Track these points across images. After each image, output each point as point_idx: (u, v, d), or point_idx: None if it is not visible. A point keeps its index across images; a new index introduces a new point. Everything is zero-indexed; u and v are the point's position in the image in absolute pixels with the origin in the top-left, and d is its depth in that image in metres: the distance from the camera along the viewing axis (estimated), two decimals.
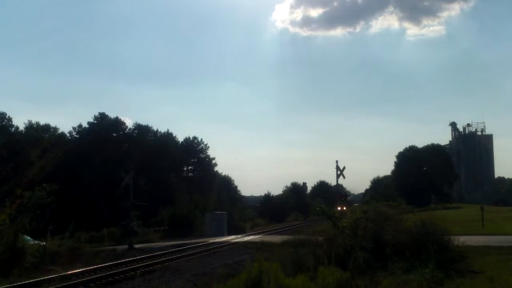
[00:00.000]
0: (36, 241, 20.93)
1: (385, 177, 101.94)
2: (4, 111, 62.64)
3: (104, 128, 66.63)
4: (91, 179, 54.18)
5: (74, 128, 68.43)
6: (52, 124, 69.29)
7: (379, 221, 17.88)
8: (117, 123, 69.77)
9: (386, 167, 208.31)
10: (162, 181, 65.27)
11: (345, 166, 35.27)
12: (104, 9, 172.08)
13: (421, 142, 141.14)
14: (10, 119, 63.10)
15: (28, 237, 20.41)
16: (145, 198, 39.47)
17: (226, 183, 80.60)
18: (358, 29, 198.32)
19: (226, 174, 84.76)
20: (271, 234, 35.21)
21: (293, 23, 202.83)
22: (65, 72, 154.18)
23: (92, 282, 14.83)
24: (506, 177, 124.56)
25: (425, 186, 75.53)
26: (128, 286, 14.58)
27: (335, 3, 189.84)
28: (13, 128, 62.79)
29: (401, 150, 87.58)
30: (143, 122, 74.20)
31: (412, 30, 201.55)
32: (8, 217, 18.67)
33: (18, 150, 53.98)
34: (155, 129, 74.32)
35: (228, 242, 27.70)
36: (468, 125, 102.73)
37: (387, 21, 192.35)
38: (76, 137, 67.50)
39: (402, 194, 63.89)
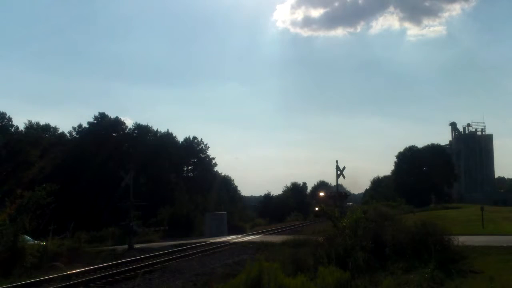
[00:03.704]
0: (36, 241, 20.92)
1: (385, 177, 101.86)
2: (4, 111, 62.70)
3: (104, 128, 66.63)
4: (91, 179, 54.18)
5: (74, 128, 68.54)
6: (52, 124, 69.48)
7: (379, 221, 17.88)
8: (117, 123, 69.78)
9: (386, 167, 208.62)
10: (162, 181, 65.28)
11: (345, 166, 35.37)
12: (104, 9, 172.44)
13: (421, 142, 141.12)
14: (10, 119, 63.12)
15: (28, 237, 20.40)
16: (145, 198, 39.46)
17: (226, 183, 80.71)
18: (358, 29, 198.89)
19: (226, 174, 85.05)
20: (271, 234, 35.17)
21: (294, 23, 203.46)
22: (65, 72, 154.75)
23: (92, 282, 14.81)
24: (506, 177, 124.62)
25: (425, 186, 75.43)
26: (128, 286, 14.57)
27: (336, 4, 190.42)
28: (13, 128, 62.78)
29: (401, 150, 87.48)
30: (143, 122, 74.37)
31: (412, 31, 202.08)
32: (8, 217, 18.66)
33: (18, 150, 53.99)
34: (155, 129, 74.44)
35: (228, 242, 27.67)
36: (468, 125, 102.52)
37: (387, 22, 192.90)
38: (76, 137, 67.52)
39: (402, 194, 63.80)
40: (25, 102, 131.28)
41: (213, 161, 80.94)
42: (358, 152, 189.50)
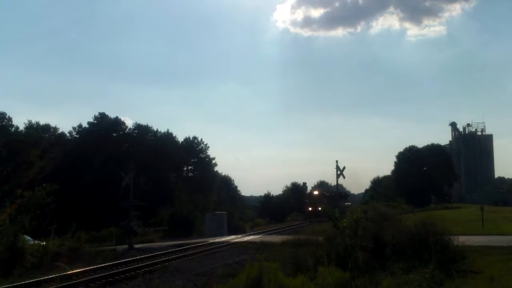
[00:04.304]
0: (36, 241, 20.93)
1: (385, 177, 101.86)
2: (4, 111, 62.87)
3: (104, 128, 66.68)
4: (91, 179, 54.21)
5: (74, 128, 68.64)
6: (52, 124, 69.61)
7: (379, 221, 17.90)
8: (117, 123, 69.83)
9: (386, 167, 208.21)
10: (162, 181, 65.31)
11: (345, 166, 35.49)
12: (105, 9, 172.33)
13: (421, 142, 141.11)
14: (10, 119, 63.25)
15: (28, 237, 20.41)
16: (145, 198, 39.50)
17: (226, 183, 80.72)
18: (359, 29, 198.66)
19: (226, 174, 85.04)
20: (271, 234, 35.16)
21: (294, 23, 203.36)
22: (65, 72, 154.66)
23: (92, 282, 14.82)
24: (506, 177, 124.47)
25: (425, 186, 75.47)
26: (128, 286, 14.58)
27: (336, 4, 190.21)
28: (13, 128, 62.87)
29: (401, 150, 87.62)
30: (143, 122, 74.41)
31: (412, 31, 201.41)
32: (8, 217, 18.66)
33: (18, 150, 54.00)
34: (155, 129, 74.52)
35: (228, 242, 27.67)
36: (468, 125, 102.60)
37: (387, 22, 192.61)
38: (76, 137, 67.58)
39: (402, 194, 63.77)
40: (25, 102, 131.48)
41: (213, 161, 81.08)
42: (358, 152, 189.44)
